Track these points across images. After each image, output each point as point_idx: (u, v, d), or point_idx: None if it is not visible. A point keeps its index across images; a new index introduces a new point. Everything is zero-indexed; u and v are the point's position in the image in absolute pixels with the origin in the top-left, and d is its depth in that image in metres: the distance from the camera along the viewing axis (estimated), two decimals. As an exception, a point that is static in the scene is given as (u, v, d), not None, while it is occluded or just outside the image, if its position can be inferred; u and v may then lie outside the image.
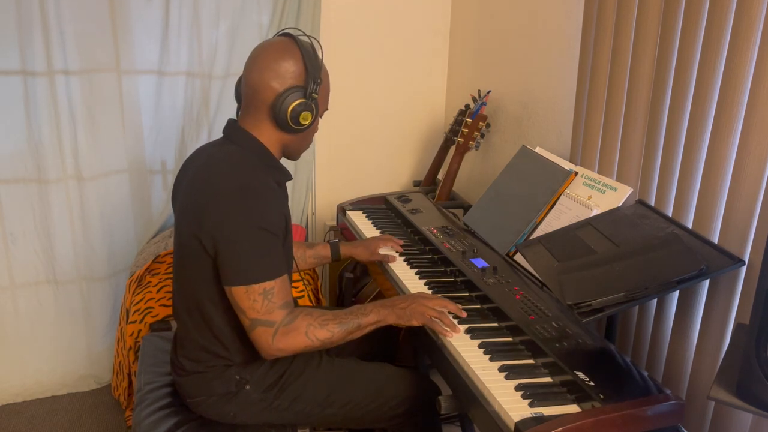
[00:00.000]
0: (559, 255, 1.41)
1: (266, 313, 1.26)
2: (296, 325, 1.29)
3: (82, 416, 2.27)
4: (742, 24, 1.19)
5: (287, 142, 1.39)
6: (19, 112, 2.14)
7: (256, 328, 1.27)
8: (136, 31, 2.23)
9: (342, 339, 1.34)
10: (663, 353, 1.46)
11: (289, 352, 1.30)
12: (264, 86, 1.30)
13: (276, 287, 1.27)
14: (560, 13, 1.91)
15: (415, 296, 1.43)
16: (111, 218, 2.37)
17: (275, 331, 1.27)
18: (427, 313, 1.37)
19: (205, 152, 1.42)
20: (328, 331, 1.32)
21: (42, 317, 2.37)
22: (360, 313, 1.37)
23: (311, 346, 1.31)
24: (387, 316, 1.38)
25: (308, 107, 1.31)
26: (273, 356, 1.30)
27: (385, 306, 1.39)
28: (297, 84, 1.30)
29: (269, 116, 1.33)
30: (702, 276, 1.20)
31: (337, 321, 1.33)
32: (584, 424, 1.02)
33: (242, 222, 1.25)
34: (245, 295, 1.26)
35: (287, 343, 1.28)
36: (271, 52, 1.32)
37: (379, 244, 1.77)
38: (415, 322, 1.38)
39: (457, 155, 2.25)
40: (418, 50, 2.65)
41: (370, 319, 1.37)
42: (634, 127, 1.51)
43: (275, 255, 1.29)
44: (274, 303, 1.27)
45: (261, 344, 1.28)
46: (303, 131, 1.36)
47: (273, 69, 1.30)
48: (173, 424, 1.42)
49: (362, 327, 1.36)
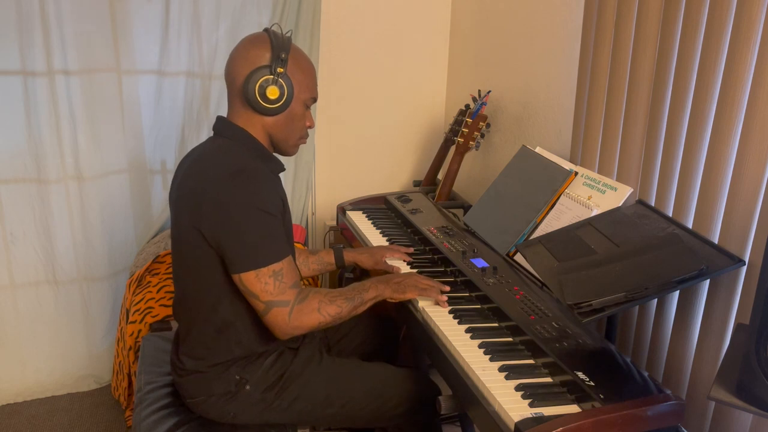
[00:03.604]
0: (559, 255, 1.41)
1: (279, 294, 1.28)
2: (309, 302, 1.32)
3: (82, 416, 2.27)
4: (742, 24, 1.19)
5: (270, 128, 1.39)
6: (19, 112, 2.15)
7: (271, 310, 1.29)
8: (136, 31, 2.23)
9: (349, 314, 1.38)
10: (663, 353, 1.46)
11: (304, 330, 1.33)
12: (236, 74, 1.35)
13: (284, 267, 1.30)
14: (560, 13, 1.91)
15: (409, 273, 1.53)
16: (111, 218, 2.37)
17: (291, 310, 1.30)
18: (420, 284, 1.47)
19: (197, 150, 1.44)
20: (337, 306, 1.36)
21: (42, 317, 2.37)
22: (361, 288, 1.42)
23: (324, 322, 1.34)
24: (384, 290, 1.45)
25: (274, 82, 1.32)
26: (289, 335, 1.32)
27: (381, 281, 1.47)
28: (263, 64, 1.33)
29: (243, 100, 1.35)
30: (702, 276, 1.19)
31: (343, 297, 1.38)
32: (584, 424, 1.02)
33: (240, 206, 1.26)
34: (256, 279, 1.27)
35: (302, 321, 1.31)
36: (243, 43, 1.38)
37: (385, 254, 1.74)
38: (410, 294, 1.46)
39: (457, 155, 2.25)
40: (418, 50, 2.65)
41: (370, 294, 1.43)
42: (634, 127, 1.51)
43: (278, 236, 1.31)
44: (286, 283, 1.29)
45: (278, 324, 1.30)
46: (277, 111, 1.36)
47: (243, 56, 1.35)
48: (173, 424, 1.42)
49: (364, 302, 1.41)
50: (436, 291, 1.46)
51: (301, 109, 1.40)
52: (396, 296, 1.45)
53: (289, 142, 1.43)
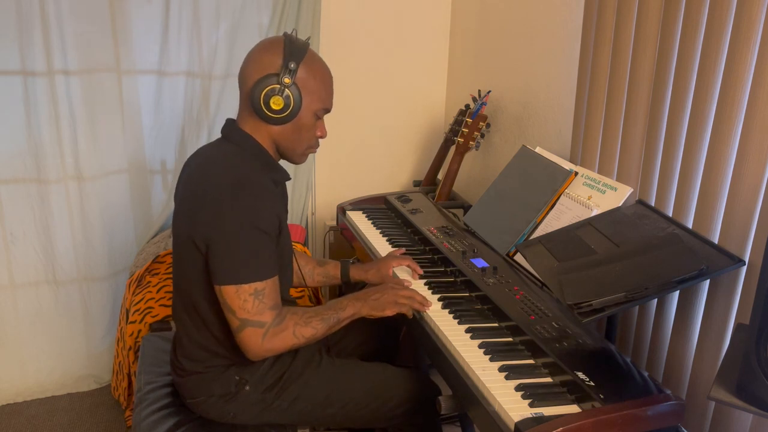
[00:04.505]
0: (559, 255, 1.41)
1: (257, 314, 1.26)
2: (285, 326, 1.31)
3: (82, 416, 2.27)
4: (742, 24, 1.19)
5: (276, 136, 1.37)
6: (19, 112, 2.15)
7: (245, 329, 1.27)
8: (136, 31, 2.23)
9: (324, 334, 1.37)
10: (663, 353, 1.46)
11: (276, 353, 1.32)
12: (246, 77, 1.33)
13: (267, 288, 1.27)
14: (560, 13, 1.91)
15: (385, 287, 1.46)
16: (111, 218, 2.37)
17: (265, 332, 1.28)
18: (399, 300, 1.42)
19: (204, 152, 1.42)
20: (312, 328, 1.34)
21: (42, 317, 2.37)
22: (338, 307, 1.40)
23: (297, 344, 1.33)
24: (361, 308, 1.42)
25: (280, 92, 1.30)
26: (260, 357, 1.31)
27: (358, 299, 1.43)
28: (272, 72, 1.30)
29: (250, 106, 1.33)
30: (702, 276, 1.19)
31: (319, 317, 1.36)
32: (584, 424, 1.02)
33: (234, 220, 1.24)
34: (235, 294, 1.25)
35: (275, 344, 1.30)
36: (258, 47, 1.35)
37: (391, 265, 1.67)
38: (388, 311, 1.43)
39: (457, 155, 2.25)
40: (418, 50, 2.65)
41: (347, 313, 1.40)
42: (634, 127, 1.51)
43: (267, 255, 1.29)
44: (265, 304, 1.27)
45: (249, 345, 1.28)
46: (282, 121, 1.33)
47: (254, 60, 1.33)
48: (173, 424, 1.42)
49: (341, 321, 1.40)
50: (416, 302, 1.43)
51: (310, 120, 1.37)
52: (374, 314, 1.42)
53: (296, 151, 1.41)
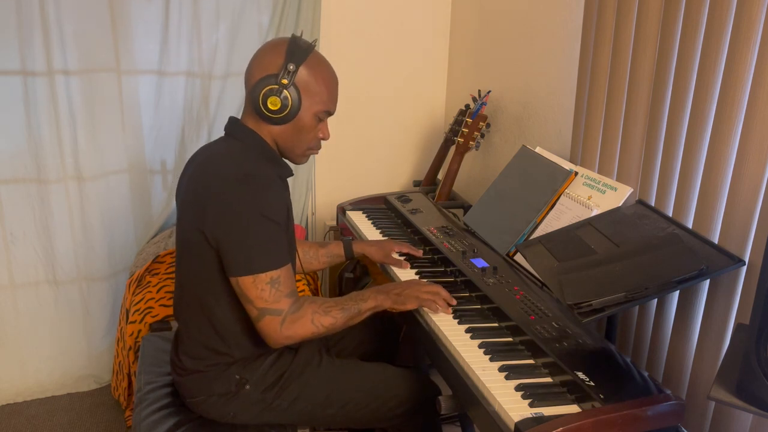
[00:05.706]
0: (559, 255, 1.41)
1: (274, 302, 1.28)
2: (303, 313, 1.31)
3: (82, 416, 2.27)
4: (742, 24, 1.19)
5: (276, 136, 1.38)
6: (19, 112, 2.14)
7: (264, 317, 1.28)
8: (136, 31, 2.23)
9: (344, 324, 1.37)
10: (663, 353, 1.46)
11: (296, 340, 1.32)
12: (250, 76, 1.35)
13: (282, 276, 1.29)
14: (560, 13, 1.91)
15: (409, 282, 1.48)
16: (111, 218, 2.37)
17: (283, 320, 1.29)
18: (421, 296, 1.43)
19: (209, 149, 1.43)
20: (332, 317, 1.34)
21: (42, 317, 2.37)
22: (359, 299, 1.40)
23: (317, 332, 1.33)
24: (383, 301, 1.42)
25: (277, 93, 1.31)
26: (280, 344, 1.32)
27: (381, 292, 1.44)
28: (271, 72, 1.32)
29: (251, 105, 1.35)
30: (702, 276, 1.19)
31: (339, 307, 1.36)
32: (584, 424, 1.02)
33: (245, 210, 1.25)
34: (252, 285, 1.26)
35: (295, 331, 1.30)
36: (264, 46, 1.37)
37: (394, 248, 1.74)
38: (410, 305, 1.43)
39: (457, 155, 2.25)
40: (418, 50, 2.65)
41: (369, 304, 1.40)
42: (634, 127, 1.51)
43: (280, 243, 1.30)
44: (282, 291, 1.28)
45: (269, 333, 1.29)
46: (280, 121, 1.34)
47: (258, 60, 1.35)
48: (173, 424, 1.42)
49: (361, 312, 1.39)
50: (440, 301, 1.43)
51: (311, 122, 1.38)
52: (396, 307, 1.43)
53: (296, 151, 1.42)
